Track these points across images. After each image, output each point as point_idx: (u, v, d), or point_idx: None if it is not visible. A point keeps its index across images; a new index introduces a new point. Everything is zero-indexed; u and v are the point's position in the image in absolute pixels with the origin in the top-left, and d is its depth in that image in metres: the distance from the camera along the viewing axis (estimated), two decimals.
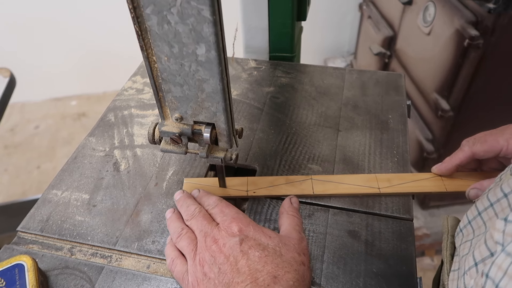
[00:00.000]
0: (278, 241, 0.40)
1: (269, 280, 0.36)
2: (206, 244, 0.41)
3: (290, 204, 0.48)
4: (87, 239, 0.48)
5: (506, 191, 0.32)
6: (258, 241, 0.40)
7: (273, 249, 0.39)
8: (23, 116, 2.20)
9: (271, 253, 0.39)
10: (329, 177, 0.53)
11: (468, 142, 0.49)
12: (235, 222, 0.42)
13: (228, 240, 0.40)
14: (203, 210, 0.45)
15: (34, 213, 0.51)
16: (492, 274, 0.26)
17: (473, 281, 0.30)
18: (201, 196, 0.48)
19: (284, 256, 0.39)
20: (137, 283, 0.44)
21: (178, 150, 0.46)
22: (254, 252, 0.38)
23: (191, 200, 0.47)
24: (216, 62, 0.37)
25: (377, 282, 0.43)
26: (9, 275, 0.42)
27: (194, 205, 0.46)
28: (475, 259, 0.31)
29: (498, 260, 0.26)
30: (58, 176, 0.56)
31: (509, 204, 0.31)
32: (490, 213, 0.34)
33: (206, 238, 0.41)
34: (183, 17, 0.35)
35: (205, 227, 0.42)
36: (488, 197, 0.34)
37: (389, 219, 0.49)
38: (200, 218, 0.44)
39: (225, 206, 0.45)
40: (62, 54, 2.08)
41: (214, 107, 0.42)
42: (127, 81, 0.73)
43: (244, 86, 0.70)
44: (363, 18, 1.83)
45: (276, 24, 0.73)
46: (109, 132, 0.62)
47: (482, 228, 0.34)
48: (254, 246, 0.39)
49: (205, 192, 0.49)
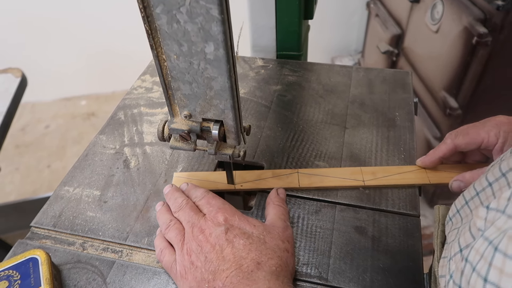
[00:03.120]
0: (262, 230, 0.42)
1: (253, 266, 0.38)
2: (193, 234, 0.42)
3: (276, 195, 0.50)
4: (98, 234, 0.49)
5: (491, 180, 0.32)
6: (243, 230, 0.41)
7: (257, 237, 0.41)
8: (33, 116, 2.24)
9: (255, 241, 0.40)
10: (315, 171, 0.54)
11: (450, 135, 0.49)
12: (221, 212, 0.43)
13: (214, 229, 0.41)
14: (190, 202, 0.47)
15: (47, 209, 0.52)
16: (471, 258, 0.27)
17: (455, 266, 0.31)
18: (189, 189, 0.49)
19: (267, 244, 0.41)
20: (147, 277, 0.45)
21: (187, 147, 0.47)
22: (239, 240, 0.40)
23: (179, 193, 0.49)
24: (225, 60, 0.38)
25: (383, 278, 0.43)
26: (23, 268, 0.43)
27: (181, 198, 0.47)
28: (460, 245, 0.32)
29: (477, 244, 0.27)
30: (69, 173, 0.57)
31: (493, 193, 0.32)
32: (476, 202, 0.34)
33: (193, 228, 0.43)
34: (192, 16, 0.35)
35: (192, 218, 0.44)
36: (474, 187, 0.35)
37: (396, 215, 0.49)
38: (187, 209, 0.45)
39: (211, 197, 0.46)
40: (72, 54, 2.11)
41: (222, 104, 0.42)
42: (136, 80, 0.74)
43: (251, 85, 0.71)
44: (371, 16, 1.82)
45: (283, 22, 0.73)
46: (119, 130, 0.63)
47: (469, 216, 0.35)
48: (239, 234, 0.41)
49: (193, 185, 0.50)
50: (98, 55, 2.11)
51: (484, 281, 0.24)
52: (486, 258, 0.25)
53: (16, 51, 2.00)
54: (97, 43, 2.06)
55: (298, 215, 0.50)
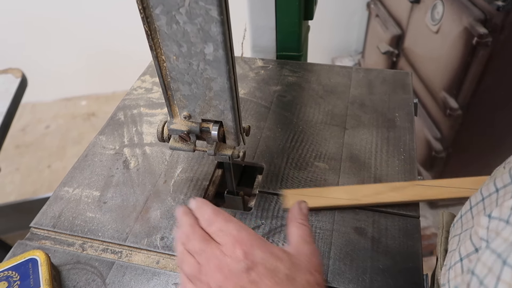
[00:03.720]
0: (289, 263, 0.36)
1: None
2: (209, 271, 0.36)
3: (299, 211, 0.42)
4: (98, 235, 0.49)
5: (499, 186, 0.32)
6: (267, 265, 0.35)
7: (284, 274, 0.35)
8: (34, 116, 2.24)
9: (283, 280, 0.34)
10: (434, 182, 0.51)
11: None
12: (238, 245, 0.36)
13: (234, 265, 0.35)
14: (199, 230, 0.39)
15: (47, 210, 0.52)
16: (478, 271, 0.26)
17: (460, 278, 0.30)
18: (196, 209, 0.41)
19: (297, 281, 0.35)
20: (147, 278, 0.45)
21: (187, 148, 0.47)
22: (265, 281, 0.34)
23: (186, 218, 0.40)
24: (224, 61, 0.38)
25: (383, 278, 0.43)
26: (23, 269, 0.43)
27: (187, 224, 0.40)
28: (461, 254, 0.31)
29: (483, 257, 0.26)
30: (69, 174, 0.57)
31: (496, 200, 0.31)
32: (480, 207, 0.34)
33: (208, 264, 0.36)
34: (191, 17, 0.35)
35: (204, 252, 0.37)
36: (481, 192, 0.35)
37: (396, 216, 0.49)
38: (196, 241, 0.38)
39: (223, 222, 0.38)
40: (72, 54, 2.11)
41: (221, 105, 0.42)
42: (136, 81, 0.74)
43: (251, 85, 0.71)
44: (371, 17, 1.82)
45: (283, 23, 0.73)
46: (118, 130, 0.63)
47: (470, 222, 0.35)
48: (263, 273, 0.34)
49: (201, 202, 0.41)
50: (98, 55, 2.11)
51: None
52: (494, 272, 0.25)
53: (17, 51, 2.00)
54: (97, 43, 2.06)
55: None
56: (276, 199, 0.52)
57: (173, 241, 0.48)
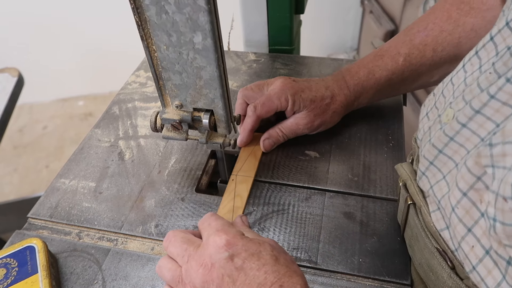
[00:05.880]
0: (269, 246, 0.35)
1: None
2: (192, 269, 0.35)
3: (242, 223, 0.43)
4: (94, 224, 0.50)
5: (463, 122, 0.33)
6: (250, 251, 0.34)
7: (268, 255, 0.34)
8: (31, 116, 2.25)
9: (268, 261, 0.34)
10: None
11: (250, 108, 0.55)
12: (219, 235, 0.35)
13: (216, 256, 0.34)
14: (181, 233, 0.39)
15: (44, 201, 0.54)
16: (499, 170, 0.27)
17: (464, 211, 0.31)
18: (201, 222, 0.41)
19: (280, 260, 0.34)
20: (142, 263, 0.46)
21: (179, 137, 0.48)
22: (250, 264, 0.33)
23: (175, 231, 0.40)
24: (213, 50, 0.39)
25: (371, 260, 0.45)
26: (20, 256, 0.45)
27: (172, 232, 0.39)
28: (462, 190, 0.32)
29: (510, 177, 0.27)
30: (65, 166, 0.58)
31: (474, 132, 0.32)
32: (454, 147, 0.35)
33: (189, 262, 0.36)
34: (179, 7, 0.37)
35: (185, 251, 0.37)
36: (446, 132, 0.35)
37: (384, 201, 0.51)
38: (178, 242, 0.38)
39: (213, 219, 0.39)
40: (69, 55, 2.12)
41: (212, 93, 0.44)
42: (131, 76, 0.75)
43: (244, 78, 0.72)
44: (365, 13, 1.84)
45: (275, 17, 0.75)
46: (114, 124, 0.65)
47: (450, 163, 0.35)
48: (248, 258, 0.34)
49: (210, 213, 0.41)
50: (95, 55, 2.12)
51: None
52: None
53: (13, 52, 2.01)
54: (93, 43, 2.07)
55: (289, 202, 0.51)
56: (268, 187, 0.53)
57: (167, 228, 0.49)
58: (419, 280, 0.43)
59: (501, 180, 0.27)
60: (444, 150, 0.35)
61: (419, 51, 0.54)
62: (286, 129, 0.56)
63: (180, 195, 0.53)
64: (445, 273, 0.36)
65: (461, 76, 0.37)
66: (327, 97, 0.55)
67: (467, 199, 0.32)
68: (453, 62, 0.54)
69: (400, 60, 0.55)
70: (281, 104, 0.54)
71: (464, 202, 0.32)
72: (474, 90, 0.33)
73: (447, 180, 0.35)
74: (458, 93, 0.36)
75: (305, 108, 0.55)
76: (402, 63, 0.55)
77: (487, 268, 0.30)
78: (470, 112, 0.32)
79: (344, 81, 0.57)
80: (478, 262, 0.31)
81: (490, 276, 0.29)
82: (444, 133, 0.35)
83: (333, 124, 0.58)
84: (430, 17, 0.56)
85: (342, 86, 0.57)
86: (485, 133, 0.31)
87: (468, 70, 0.37)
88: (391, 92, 0.59)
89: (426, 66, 0.55)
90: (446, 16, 0.54)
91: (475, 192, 0.31)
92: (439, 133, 0.36)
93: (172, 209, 0.51)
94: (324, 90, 0.56)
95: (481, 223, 0.31)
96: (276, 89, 0.55)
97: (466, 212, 0.32)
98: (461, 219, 0.32)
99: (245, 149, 0.58)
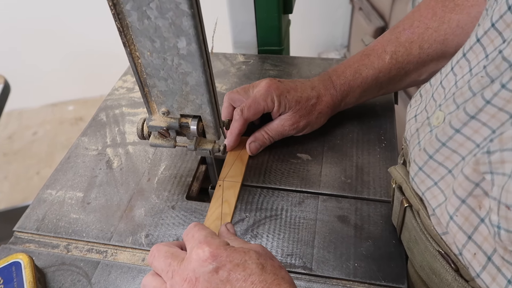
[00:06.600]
0: (254, 254, 0.34)
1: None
2: (176, 283, 0.34)
3: (227, 232, 0.43)
4: (82, 236, 0.49)
5: (457, 127, 0.32)
6: (235, 261, 0.33)
7: (254, 263, 0.33)
8: (21, 123, 2.21)
9: (255, 270, 0.33)
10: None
11: (237, 111, 0.54)
12: (201, 247, 0.34)
13: (200, 270, 0.33)
14: (164, 248, 0.38)
15: (30, 213, 0.52)
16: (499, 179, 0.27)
17: (472, 218, 0.31)
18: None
19: (267, 268, 0.33)
20: (132, 275, 0.45)
21: (167, 144, 0.47)
22: (236, 275, 0.32)
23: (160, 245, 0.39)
24: (198, 55, 0.38)
25: (367, 264, 0.44)
26: (6, 273, 0.43)
27: (155, 247, 0.38)
28: (460, 197, 0.31)
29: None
30: (52, 176, 0.56)
31: (468, 137, 0.32)
32: (446, 153, 0.34)
33: (173, 277, 0.34)
34: (162, 12, 0.35)
35: (169, 266, 0.35)
36: (438, 137, 0.34)
37: (378, 203, 0.50)
38: (161, 257, 0.36)
39: (196, 230, 0.38)
40: (57, 59, 2.09)
41: (199, 99, 0.42)
42: (118, 81, 0.73)
43: (233, 80, 0.71)
44: (354, 10, 1.83)
45: (263, 18, 0.74)
46: (101, 131, 0.63)
47: (440, 169, 0.35)
48: (233, 269, 0.33)
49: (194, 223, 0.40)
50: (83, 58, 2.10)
51: None
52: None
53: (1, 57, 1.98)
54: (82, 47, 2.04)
55: (281, 207, 0.50)
56: (259, 192, 0.52)
57: (158, 238, 0.48)
58: (421, 283, 0.42)
59: (502, 187, 0.26)
60: (434, 156, 0.35)
61: (405, 49, 0.54)
62: (272, 131, 0.55)
63: (171, 203, 0.52)
64: (450, 275, 0.35)
65: (451, 79, 0.36)
66: (312, 98, 0.55)
67: (466, 206, 0.31)
68: (440, 60, 0.54)
69: (387, 58, 0.54)
70: (267, 105, 0.54)
71: (463, 209, 0.31)
72: (465, 93, 0.32)
73: (440, 187, 0.35)
74: (449, 96, 0.35)
75: (291, 109, 0.54)
76: (389, 61, 0.54)
77: (491, 275, 0.29)
78: (464, 117, 0.31)
79: (330, 81, 0.56)
80: (481, 269, 0.30)
81: (495, 283, 0.29)
82: (436, 138, 0.34)
83: (319, 126, 0.58)
84: (415, 14, 0.55)
85: (329, 86, 0.56)
86: (481, 139, 0.30)
87: (458, 73, 0.36)
88: (378, 91, 0.58)
89: (413, 63, 0.54)
90: (431, 13, 0.53)
91: (473, 198, 0.30)
92: (429, 137, 0.35)
93: (163, 217, 0.50)
94: (310, 90, 0.55)
95: (481, 229, 0.30)
96: (261, 90, 0.54)
97: (466, 219, 0.31)
98: (461, 227, 0.31)
99: (231, 153, 0.57)
